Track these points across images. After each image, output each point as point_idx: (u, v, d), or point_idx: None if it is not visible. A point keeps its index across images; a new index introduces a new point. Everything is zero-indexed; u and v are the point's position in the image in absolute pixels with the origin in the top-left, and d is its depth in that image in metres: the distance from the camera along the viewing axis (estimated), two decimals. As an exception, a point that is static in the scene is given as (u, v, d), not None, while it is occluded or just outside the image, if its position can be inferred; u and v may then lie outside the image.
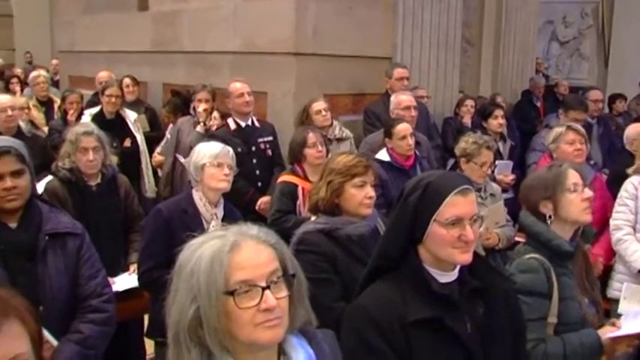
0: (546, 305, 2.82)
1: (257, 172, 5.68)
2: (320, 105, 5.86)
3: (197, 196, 3.84)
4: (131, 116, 7.00)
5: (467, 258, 2.17)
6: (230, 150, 3.94)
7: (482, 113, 7.11)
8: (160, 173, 6.68)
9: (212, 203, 3.83)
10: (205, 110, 6.17)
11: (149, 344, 4.32)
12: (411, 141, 5.14)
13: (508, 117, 7.58)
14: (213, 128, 6.05)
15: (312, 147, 4.79)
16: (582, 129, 4.93)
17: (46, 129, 7.50)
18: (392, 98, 6.08)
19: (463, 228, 2.14)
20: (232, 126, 5.78)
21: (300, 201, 4.65)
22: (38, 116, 8.24)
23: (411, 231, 2.21)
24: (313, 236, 3.11)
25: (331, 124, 5.92)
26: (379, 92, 6.76)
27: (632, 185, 4.37)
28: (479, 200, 3.14)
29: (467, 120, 7.38)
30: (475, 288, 2.24)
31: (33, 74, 9.36)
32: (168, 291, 1.70)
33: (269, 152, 5.83)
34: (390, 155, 5.13)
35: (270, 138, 5.89)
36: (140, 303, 4.15)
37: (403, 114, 5.77)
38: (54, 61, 13.57)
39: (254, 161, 5.69)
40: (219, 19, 7.15)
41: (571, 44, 13.34)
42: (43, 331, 1.89)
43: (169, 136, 6.63)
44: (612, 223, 4.37)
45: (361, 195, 3.15)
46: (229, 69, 6.99)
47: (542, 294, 2.81)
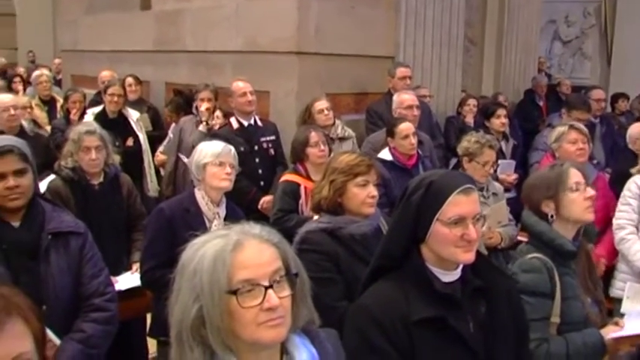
0: (549, 305, 2.81)
1: (259, 172, 5.68)
2: (322, 104, 5.86)
3: (199, 195, 3.83)
4: (133, 115, 7.01)
5: (469, 257, 2.17)
6: (232, 149, 3.93)
7: (484, 112, 7.11)
8: (163, 172, 6.68)
9: (214, 202, 3.83)
10: (208, 109, 6.17)
11: (151, 343, 4.31)
12: (414, 140, 5.13)
13: (510, 116, 7.57)
14: (215, 127, 6.06)
15: (314, 146, 4.78)
16: (585, 128, 4.92)
17: (49, 128, 7.52)
18: (394, 97, 6.07)
19: (466, 227, 2.14)
20: (235, 125, 5.77)
21: (302, 200, 4.65)
22: (41, 115, 8.27)
23: (414, 230, 2.21)
24: (316, 235, 3.11)
25: (334, 124, 5.93)
26: (382, 91, 6.75)
27: (635, 184, 4.36)
28: (481, 199, 3.14)
29: (469, 119, 7.36)
30: (478, 287, 2.23)
31: (35, 73, 9.39)
32: (170, 290, 1.69)
33: (271, 151, 5.83)
34: (393, 154, 5.12)
35: (272, 137, 5.89)
36: (142, 302, 4.15)
37: (406, 113, 5.76)
38: (56, 61, 13.58)
39: (256, 160, 5.68)
40: (221, 19, 7.15)
41: (573, 43, 13.31)
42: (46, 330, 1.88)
43: (172, 136, 6.64)
44: (615, 223, 4.37)
45: (364, 194, 3.15)
46: (232, 68, 6.99)
47: (544, 294, 2.81)
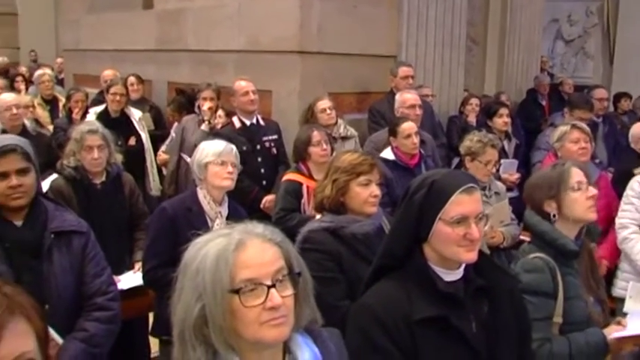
0: (552, 305, 2.81)
1: (262, 171, 5.68)
2: (325, 103, 5.86)
3: (201, 195, 3.83)
4: (136, 114, 7.01)
5: (472, 256, 2.16)
6: (233, 148, 3.93)
7: (487, 112, 7.10)
8: (165, 171, 6.68)
9: (216, 201, 3.83)
10: (210, 109, 6.17)
11: (154, 342, 4.31)
12: (416, 139, 5.12)
13: (513, 115, 7.57)
14: (217, 127, 6.06)
15: (316, 145, 4.78)
16: (587, 127, 4.92)
17: (51, 127, 7.53)
18: (397, 97, 6.06)
19: (468, 226, 2.13)
20: (237, 124, 5.78)
21: (304, 199, 4.65)
22: (43, 115, 8.27)
23: (416, 229, 2.20)
24: (318, 235, 3.11)
25: (336, 123, 5.92)
26: (384, 91, 6.75)
27: (638, 184, 4.35)
28: (483, 199, 3.12)
29: (472, 118, 7.37)
30: (480, 286, 2.23)
31: (38, 73, 9.40)
32: (173, 289, 1.69)
33: (274, 151, 5.83)
34: (395, 154, 5.11)
35: (275, 136, 5.89)
36: (145, 301, 4.15)
37: (408, 112, 5.75)
38: (59, 60, 13.60)
39: (259, 160, 5.69)
40: (223, 18, 7.15)
41: (576, 43, 13.30)
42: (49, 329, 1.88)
43: (174, 135, 6.64)
44: (618, 222, 4.37)
45: (366, 193, 3.15)
46: (234, 67, 6.99)
47: (547, 294, 2.81)
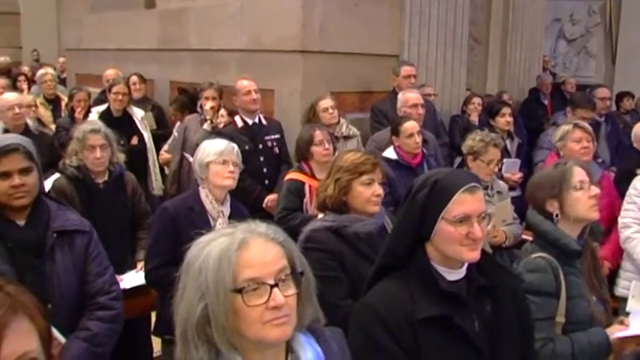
0: (554, 305, 2.80)
1: (264, 170, 5.68)
2: (327, 103, 5.86)
3: (203, 194, 3.83)
4: (138, 114, 7.01)
5: (475, 256, 2.16)
6: (235, 147, 3.93)
7: (489, 111, 7.10)
8: (167, 171, 6.69)
9: (218, 201, 3.83)
10: (212, 108, 6.17)
11: (156, 342, 4.32)
12: (418, 139, 5.12)
13: (515, 115, 7.56)
14: (220, 126, 6.05)
15: (319, 145, 4.78)
16: (589, 127, 4.91)
17: (53, 127, 7.53)
18: (399, 96, 6.06)
19: (471, 225, 2.13)
20: (239, 124, 5.78)
21: (307, 199, 4.65)
22: (45, 114, 8.28)
23: (419, 229, 2.20)
24: (321, 234, 3.11)
25: (338, 122, 5.92)
26: (386, 90, 6.75)
27: (640, 183, 4.36)
28: (486, 198, 3.12)
29: (474, 118, 7.37)
30: (483, 286, 2.23)
31: (40, 72, 9.39)
32: (175, 289, 1.69)
33: (276, 150, 5.83)
34: (397, 153, 5.11)
35: (277, 136, 5.89)
36: (147, 300, 4.15)
37: (410, 112, 5.75)
38: (61, 59, 13.59)
39: (261, 159, 5.68)
40: (225, 17, 7.15)
41: (578, 42, 13.28)
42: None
43: (176, 134, 6.64)
44: (621, 221, 4.36)
45: (369, 192, 3.15)
46: (236, 67, 6.99)
47: (550, 293, 2.80)
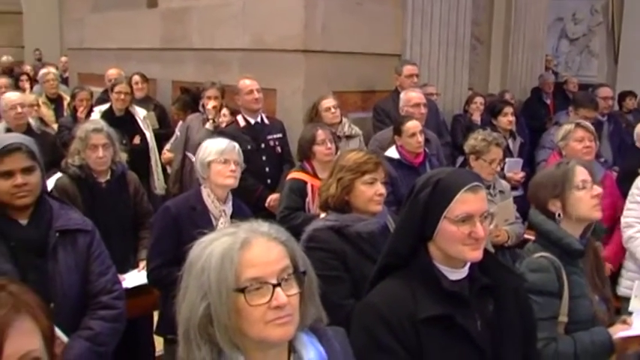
0: (557, 304, 2.80)
1: (266, 170, 5.68)
2: (329, 102, 5.86)
3: (205, 193, 3.83)
4: (140, 113, 7.02)
5: (477, 255, 2.16)
6: (236, 146, 3.92)
7: (491, 110, 7.10)
8: (170, 170, 6.69)
9: (220, 200, 3.82)
10: (214, 107, 6.17)
11: (158, 341, 4.32)
12: (421, 138, 5.12)
13: (517, 114, 7.56)
14: (222, 125, 6.05)
15: (321, 144, 4.78)
16: (591, 126, 4.91)
17: (56, 126, 7.54)
18: (401, 95, 6.06)
19: (473, 225, 2.13)
20: (241, 123, 5.77)
21: (309, 198, 4.65)
22: (47, 113, 8.29)
23: (421, 228, 2.20)
24: (323, 233, 3.11)
25: (340, 122, 5.92)
26: (389, 89, 6.75)
27: (643, 183, 4.34)
28: (488, 197, 3.12)
29: (476, 117, 7.36)
30: (485, 285, 2.23)
31: (42, 71, 9.41)
32: (178, 288, 1.69)
33: (278, 149, 5.83)
34: (400, 153, 5.11)
35: (279, 135, 5.89)
36: (149, 300, 4.15)
37: (413, 111, 5.75)
38: (63, 59, 13.60)
39: (263, 158, 5.69)
40: (228, 16, 7.15)
41: (581, 41, 13.25)
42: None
43: (179, 133, 6.64)
44: (623, 221, 4.34)
45: (371, 192, 3.15)
46: (238, 66, 6.99)
47: (552, 293, 2.79)
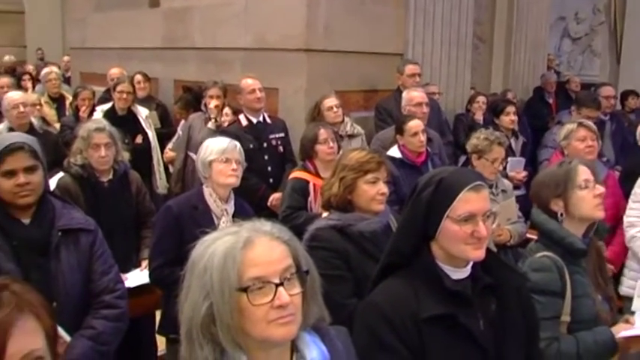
0: (560, 304, 2.80)
1: (269, 169, 5.68)
2: (331, 101, 5.86)
3: (207, 193, 3.83)
4: (142, 113, 7.02)
5: (480, 254, 2.16)
6: (238, 145, 3.92)
7: (494, 110, 7.09)
8: (172, 169, 6.69)
9: (222, 199, 3.82)
10: (217, 106, 6.17)
11: (160, 341, 4.32)
12: (423, 137, 5.11)
13: (520, 114, 7.55)
14: (224, 124, 6.05)
15: (323, 143, 4.78)
16: (594, 126, 4.89)
17: (58, 125, 7.54)
18: (403, 95, 6.05)
19: (476, 224, 2.13)
20: (244, 122, 5.77)
21: (311, 197, 4.65)
22: (50, 113, 8.29)
23: (424, 227, 2.20)
24: (326, 232, 3.11)
25: (342, 121, 5.92)
26: (391, 88, 6.74)
27: (646, 182, 4.34)
28: (490, 197, 3.11)
29: (478, 116, 7.35)
30: (488, 284, 2.22)
31: (45, 71, 9.41)
32: (180, 288, 1.69)
33: (280, 148, 5.83)
34: (402, 152, 5.10)
35: (281, 134, 5.88)
36: (152, 299, 4.15)
37: (415, 110, 5.74)
38: (65, 58, 13.59)
39: (265, 157, 5.69)
40: (230, 16, 7.15)
41: (583, 40, 13.21)
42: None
43: (181, 133, 6.65)
44: (626, 220, 4.33)
45: (374, 191, 3.15)
46: (240, 65, 6.99)
47: (555, 293, 2.79)
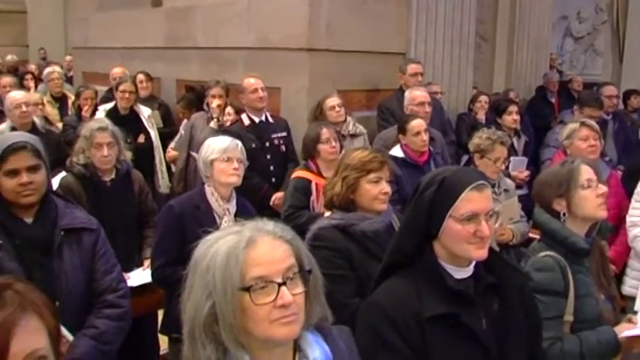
0: (562, 304, 2.79)
1: (271, 168, 5.68)
2: (334, 101, 5.86)
3: (209, 192, 3.82)
4: (145, 112, 7.02)
5: (482, 254, 2.16)
6: (239, 143, 3.91)
7: (496, 109, 7.09)
8: (174, 169, 6.69)
9: (224, 198, 3.82)
10: (219, 106, 6.17)
11: (163, 340, 4.32)
12: (425, 137, 5.11)
13: (522, 113, 7.55)
14: (226, 124, 6.05)
15: (325, 143, 4.78)
16: (596, 125, 4.89)
17: (60, 125, 7.54)
18: (406, 94, 6.05)
19: (479, 223, 2.12)
20: (246, 122, 5.78)
21: (313, 197, 4.65)
22: (52, 112, 8.29)
23: (426, 227, 2.20)
24: (328, 232, 3.11)
25: (345, 120, 5.92)
26: (393, 88, 6.74)
27: (648, 182, 4.32)
28: (493, 196, 3.11)
29: (481, 116, 7.35)
30: (490, 284, 2.22)
31: (47, 70, 9.41)
32: (183, 287, 1.69)
33: (283, 148, 5.83)
34: (404, 151, 5.10)
35: (284, 133, 5.89)
36: (154, 298, 4.15)
37: (417, 110, 5.74)
38: (68, 58, 13.60)
39: (268, 157, 5.69)
40: (232, 15, 7.15)
41: (585, 40, 13.19)
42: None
43: (183, 132, 6.65)
44: (629, 220, 4.31)
45: (376, 190, 3.15)
46: (243, 65, 6.99)
47: (558, 292, 2.79)
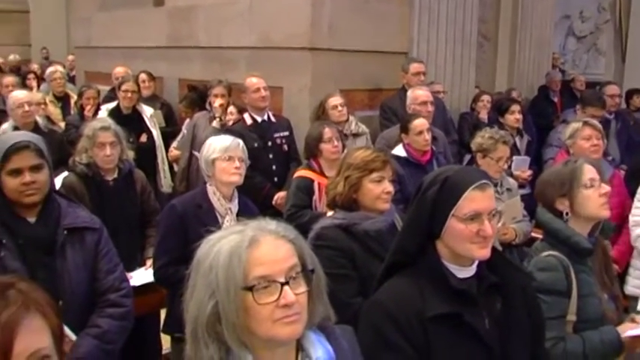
0: (565, 303, 2.79)
1: (273, 168, 5.69)
2: (336, 100, 5.86)
3: (211, 191, 3.82)
4: (147, 111, 7.02)
5: (485, 253, 2.15)
6: (240, 142, 3.91)
7: (498, 108, 7.08)
8: (176, 168, 6.70)
9: (226, 198, 3.82)
10: (221, 105, 6.18)
11: (165, 339, 4.32)
12: (428, 136, 5.11)
13: (524, 112, 7.54)
14: (229, 123, 6.06)
15: (328, 142, 4.78)
16: (599, 124, 4.88)
17: (63, 124, 7.55)
18: (408, 93, 6.04)
19: (481, 223, 2.12)
20: (248, 121, 5.78)
21: (316, 196, 4.65)
22: (55, 112, 8.30)
23: (429, 226, 2.19)
24: (331, 231, 3.11)
25: (347, 120, 5.92)
26: (395, 87, 6.74)
27: (651, 181, 4.32)
28: (495, 195, 3.11)
29: (483, 115, 7.35)
30: (493, 283, 2.22)
31: (49, 70, 9.41)
32: (186, 286, 1.69)
33: (285, 147, 5.83)
34: (407, 151, 5.10)
35: (286, 133, 5.89)
36: (156, 298, 4.15)
37: (420, 109, 5.74)
38: (70, 57, 13.61)
39: (270, 156, 5.69)
40: (234, 15, 7.15)
41: (588, 39, 13.17)
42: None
43: (185, 131, 6.65)
44: (631, 220, 4.30)
45: (379, 190, 3.15)
46: (245, 64, 6.99)
47: (561, 292, 2.78)
